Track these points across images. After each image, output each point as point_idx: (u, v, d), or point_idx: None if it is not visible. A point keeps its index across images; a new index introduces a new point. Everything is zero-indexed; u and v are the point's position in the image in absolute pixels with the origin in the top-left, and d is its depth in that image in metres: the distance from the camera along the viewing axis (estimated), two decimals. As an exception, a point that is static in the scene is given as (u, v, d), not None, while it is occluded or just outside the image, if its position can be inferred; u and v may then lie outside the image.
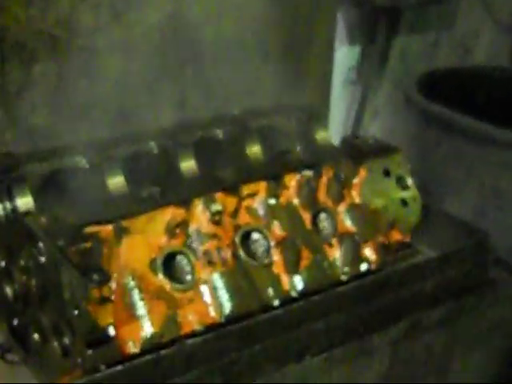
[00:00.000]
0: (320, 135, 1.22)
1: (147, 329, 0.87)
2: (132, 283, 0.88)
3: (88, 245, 0.86)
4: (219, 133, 1.17)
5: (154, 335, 0.88)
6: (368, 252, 1.08)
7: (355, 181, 1.10)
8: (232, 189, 1.01)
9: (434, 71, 1.91)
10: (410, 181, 1.14)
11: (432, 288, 1.12)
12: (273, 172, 1.08)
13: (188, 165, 1.12)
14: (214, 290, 0.94)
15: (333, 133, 1.36)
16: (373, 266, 1.10)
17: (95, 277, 0.83)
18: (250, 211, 1.02)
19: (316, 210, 1.06)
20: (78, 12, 1.19)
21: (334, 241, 1.05)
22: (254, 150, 1.17)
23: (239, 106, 1.33)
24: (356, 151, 1.16)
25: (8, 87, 1.17)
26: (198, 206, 0.97)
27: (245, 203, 1.01)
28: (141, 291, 0.88)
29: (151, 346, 0.88)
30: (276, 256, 0.99)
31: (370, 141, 1.19)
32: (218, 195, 0.99)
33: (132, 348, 0.86)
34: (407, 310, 1.08)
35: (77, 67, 1.22)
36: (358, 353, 1.04)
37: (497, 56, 2.31)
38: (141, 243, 0.92)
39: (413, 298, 1.09)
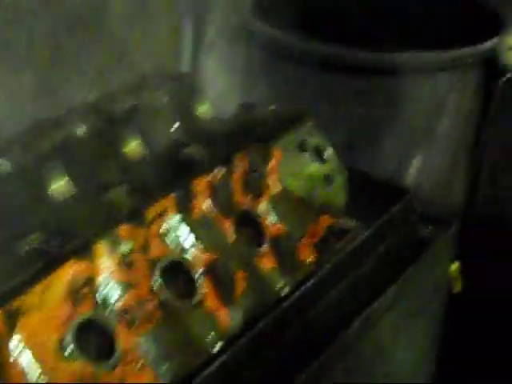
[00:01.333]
0: (202, 109, 1.09)
1: None
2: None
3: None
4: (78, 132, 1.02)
5: None
6: (304, 252, 1.00)
7: (270, 166, 1.00)
8: (135, 216, 0.86)
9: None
10: (329, 151, 1.06)
11: (373, 271, 1.08)
12: (177, 180, 0.93)
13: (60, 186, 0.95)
14: (145, 358, 0.81)
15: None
16: (311, 268, 1.01)
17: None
18: (160, 237, 0.88)
19: (237, 214, 0.95)
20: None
21: (266, 248, 0.95)
22: (133, 147, 1.01)
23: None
24: (258, 127, 1.05)
25: None
26: (102, 252, 0.84)
27: (153, 230, 0.87)
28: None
29: None
30: (207, 288, 0.88)
31: (269, 109, 1.09)
32: (122, 230, 0.84)
33: None
34: (354, 304, 1.03)
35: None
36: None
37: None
38: (41, 324, 0.75)
39: (356, 289, 1.04)
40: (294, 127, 1.05)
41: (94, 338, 0.79)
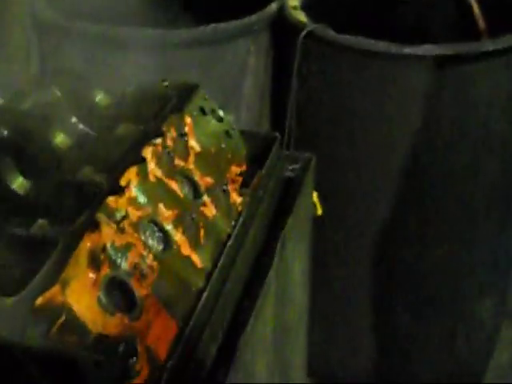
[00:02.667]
0: (99, 96, 1.26)
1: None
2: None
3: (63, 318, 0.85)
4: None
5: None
6: (235, 196, 1.22)
7: (188, 130, 1.20)
8: (115, 189, 1.03)
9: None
10: (221, 112, 1.27)
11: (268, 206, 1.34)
12: (132, 153, 1.11)
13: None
14: (158, 303, 0.99)
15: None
16: (240, 208, 1.23)
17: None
18: (134, 203, 1.05)
19: (178, 175, 1.14)
20: None
21: (205, 199, 1.16)
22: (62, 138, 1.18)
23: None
24: (163, 99, 1.23)
25: None
26: (104, 221, 0.98)
27: (126, 197, 1.04)
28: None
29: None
30: (180, 238, 1.08)
31: (162, 84, 1.28)
32: (111, 200, 1.01)
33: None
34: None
35: None
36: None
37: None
38: (81, 289, 0.92)
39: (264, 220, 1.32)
40: (191, 96, 1.25)
41: (118, 293, 0.97)
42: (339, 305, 2.42)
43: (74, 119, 1.21)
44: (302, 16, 1.81)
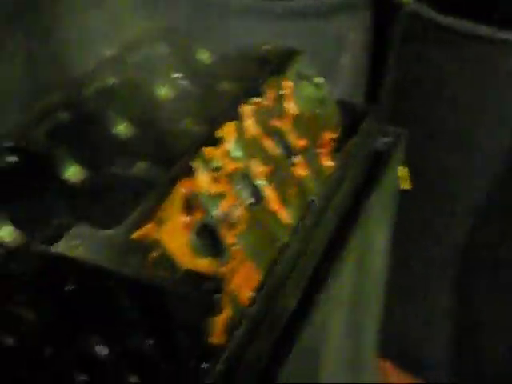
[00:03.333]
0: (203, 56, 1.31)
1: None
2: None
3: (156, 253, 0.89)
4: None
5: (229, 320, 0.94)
6: (324, 159, 1.26)
7: (285, 93, 1.22)
8: (212, 140, 1.07)
9: None
10: (319, 79, 1.29)
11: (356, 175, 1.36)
12: (231, 109, 1.13)
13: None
14: (244, 252, 1.03)
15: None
16: (331, 171, 1.26)
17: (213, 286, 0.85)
18: (229, 156, 1.08)
19: (274, 134, 1.16)
20: None
21: (298, 159, 1.18)
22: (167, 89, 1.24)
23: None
24: (264, 62, 1.26)
25: None
26: (200, 170, 1.02)
27: (222, 149, 1.08)
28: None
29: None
30: (270, 194, 1.11)
31: (264, 47, 1.30)
32: (207, 150, 1.04)
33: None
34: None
35: None
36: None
37: None
38: (174, 230, 0.96)
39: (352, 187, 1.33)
40: (291, 61, 1.27)
41: (208, 238, 1.00)
42: (419, 284, 2.39)
43: (178, 74, 1.25)
44: None
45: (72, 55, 1.33)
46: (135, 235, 0.91)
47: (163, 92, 1.22)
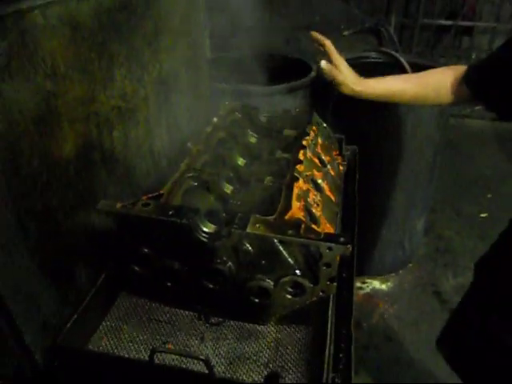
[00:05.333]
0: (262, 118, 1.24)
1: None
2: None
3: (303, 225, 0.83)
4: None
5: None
6: (340, 167, 1.22)
7: (316, 133, 1.17)
8: (297, 161, 1.02)
9: None
10: (324, 124, 1.25)
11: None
12: (297, 143, 1.10)
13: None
14: (325, 218, 0.98)
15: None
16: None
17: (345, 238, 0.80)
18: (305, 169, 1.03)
19: (317, 155, 1.12)
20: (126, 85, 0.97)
21: (329, 167, 1.14)
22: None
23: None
24: (299, 118, 1.22)
25: (105, 155, 0.93)
26: (299, 177, 0.97)
27: (302, 165, 1.02)
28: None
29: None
30: (325, 186, 1.07)
31: (295, 112, 1.26)
32: (299, 167, 1.00)
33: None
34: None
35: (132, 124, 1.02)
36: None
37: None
38: (297, 212, 0.89)
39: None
40: (313, 116, 1.23)
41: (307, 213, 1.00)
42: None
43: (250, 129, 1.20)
44: None
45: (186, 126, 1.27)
46: (287, 216, 0.87)
47: (252, 139, 1.18)
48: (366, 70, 1.84)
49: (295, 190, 0.94)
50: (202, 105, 1.38)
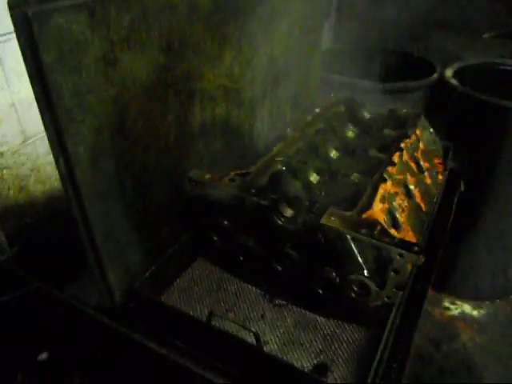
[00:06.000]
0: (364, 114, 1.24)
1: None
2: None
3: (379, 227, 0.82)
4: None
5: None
6: (438, 176, 1.16)
7: (419, 137, 1.14)
8: (391, 163, 1.01)
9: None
10: (431, 129, 1.21)
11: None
12: (395, 144, 1.08)
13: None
14: (408, 225, 0.95)
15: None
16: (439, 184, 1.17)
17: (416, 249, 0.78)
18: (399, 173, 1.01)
19: (414, 159, 1.09)
20: (234, 66, 1.03)
21: (426, 174, 1.11)
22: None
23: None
24: (402, 120, 1.19)
25: (206, 128, 1.00)
26: (388, 178, 0.96)
27: (395, 168, 1.01)
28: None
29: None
30: (416, 193, 1.04)
31: (400, 112, 1.23)
32: (390, 168, 0.99)
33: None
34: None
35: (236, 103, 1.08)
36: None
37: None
38: (378, 213, 0.89)
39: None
40: (419, 118, 1.20)
41: (391, 217, 0.93)
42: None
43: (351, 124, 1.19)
44: (454, 81, 1.67)
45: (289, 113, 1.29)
46: (364, 216, 0.86)
47: (349, 133, 1.17)
48: (498, 77, 1.70)
49: (380, 191, 0.92)
50: (309, 94, 1.40)
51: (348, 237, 0.83)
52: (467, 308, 1.87)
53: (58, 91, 0.66)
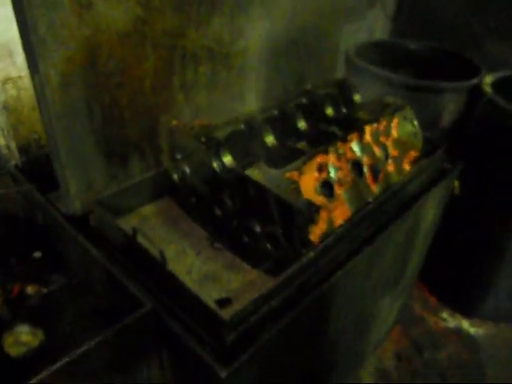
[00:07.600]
0: (356, 97, 1.27)
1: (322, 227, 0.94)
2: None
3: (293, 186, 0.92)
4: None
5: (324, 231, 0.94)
6: (406, 164, 1.18)
7: (392, 125, 1.17)
8: (343, 139, 1.06)
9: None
10: (415, 122, 1.21)
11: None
12: (359, 126, 1.10)
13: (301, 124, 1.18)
14: (344, 200, 1.01)
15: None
16: (409, 170, 1.18)
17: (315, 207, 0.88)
18: (351, 149, 1.06)
19: (380, 145, 1.12)
20: (223, 32, 1.16)
21: (391, 161, 1.14)
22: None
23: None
24: (385, 107, 1.20)
25: (186, 83, 1.14)
26: (332, 151, 1.02)
27: (347, 145, 1.06)
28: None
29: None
30: (368, 174, 1.08)
31: (388, 100, 1.23)
32: (339, 143, 1.04)
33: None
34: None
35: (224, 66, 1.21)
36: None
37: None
38: (309, 179, 0.97)
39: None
40: (401, 109, 1.21)
41: (327, 188, 1.00)
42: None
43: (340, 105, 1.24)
44: (489, 88, 1.59)
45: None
46: (286, 175, 0.94)
47: (329, 111, 1.22)
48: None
49: (317, 159, 0.98)
50: (323, 74, 1.45)
51: (270, 192, 0.90)
52: (465, 324, 1.80)
53: (35, 23, 0.83)
